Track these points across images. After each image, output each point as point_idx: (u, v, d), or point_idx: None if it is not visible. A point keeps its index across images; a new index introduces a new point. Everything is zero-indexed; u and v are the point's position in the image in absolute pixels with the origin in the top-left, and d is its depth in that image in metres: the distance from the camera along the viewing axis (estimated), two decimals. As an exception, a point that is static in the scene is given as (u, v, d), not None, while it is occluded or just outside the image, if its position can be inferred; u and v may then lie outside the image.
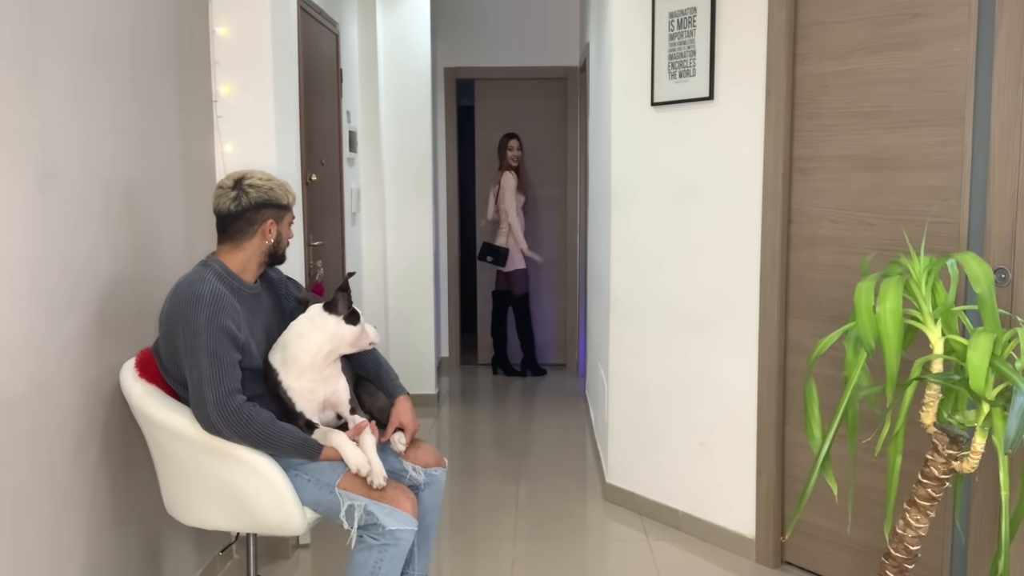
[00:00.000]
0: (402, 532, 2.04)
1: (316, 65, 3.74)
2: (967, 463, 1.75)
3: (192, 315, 1.98)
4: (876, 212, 2.58)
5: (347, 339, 2.10)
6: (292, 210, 2.21)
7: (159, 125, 2.48)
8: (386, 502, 2.05)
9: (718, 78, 2.99)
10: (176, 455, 2.10)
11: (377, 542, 2.03)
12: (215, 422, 1.97)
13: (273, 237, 2.15)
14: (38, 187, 1.86)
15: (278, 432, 2.01)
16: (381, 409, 2.36)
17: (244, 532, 2.21)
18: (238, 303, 2.08)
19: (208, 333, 1.97)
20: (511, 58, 5.96)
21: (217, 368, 1.97)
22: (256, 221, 2.11)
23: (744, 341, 2.99)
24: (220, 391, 1.97)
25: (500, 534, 3.26)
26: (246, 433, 1.98)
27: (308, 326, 2.08)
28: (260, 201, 2.11)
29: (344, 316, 2.08)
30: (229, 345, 2.00)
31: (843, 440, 2.64)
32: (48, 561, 1.90)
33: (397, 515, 2.04)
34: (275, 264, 2.23)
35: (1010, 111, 2.21)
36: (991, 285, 1.73)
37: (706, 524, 3.17)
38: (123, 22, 2.26)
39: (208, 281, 2.03)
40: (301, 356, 2.07)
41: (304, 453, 2.05)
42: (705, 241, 3.09)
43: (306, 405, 2.10)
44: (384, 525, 2.02)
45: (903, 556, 1.86)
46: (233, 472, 2.05)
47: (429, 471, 2.32)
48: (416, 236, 5.02)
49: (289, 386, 2.09)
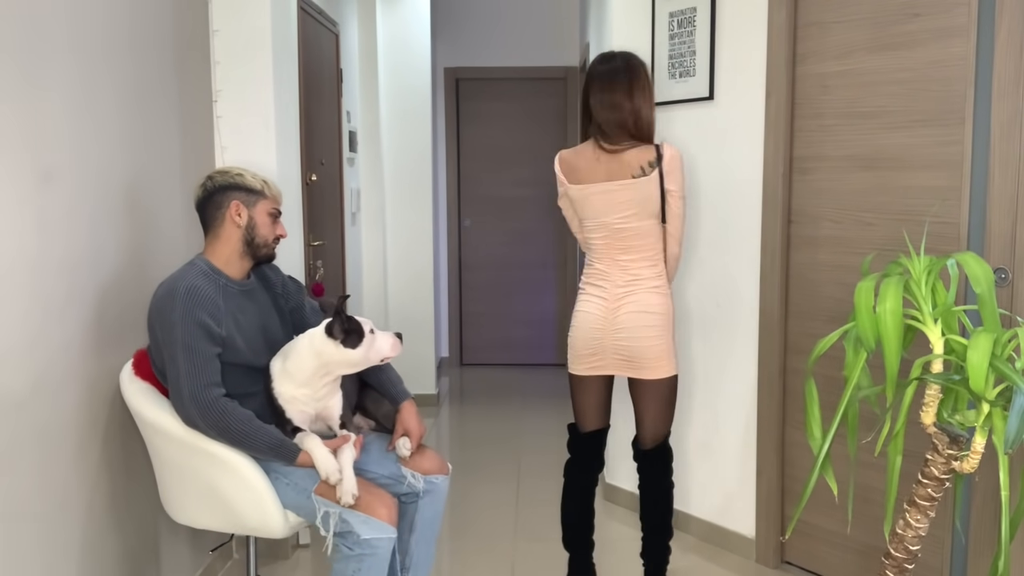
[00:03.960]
0: (377, 541, 2.00)
1: (316, 65, 3.74)
2: (967, 463, 1.75)
3: (167, 311, 2.00)
4: (876, 212, 2.58)
5: (346, 362, 2.05)
6: (270, 200, 2.16)
7: (159, 125, 2.48)
8: (361, 509, 2.01)
9: (718, 78, 2.98)
10: (166, 453, 2.12)
11: (352, 552, 2.00)
12: (192, 415, 1.98)
13: (243, 222, 2.12)
14: (38, 187, 1.86)
15: (255, 431, 2.00)
16: (386, 415, 2.34)
17: (229, 532, 2.20)
18: (223, 299, 2.07)
19: (183, 327, 1.97)
20: (511, 58, 5.96)
21: (192, 362, 1.97)
22: (223, 204, 2.10)
23: (744, 341, 2.99)
24: (196, 384, 1.97)
25: (500, 534, 3.26)
26: (221, 427, 1.98)
27: (307, 348, 2.05)
28: (225, 184, 2.11)
29: (341, 340, 2.03)
30: (204, 339, 1.99)
31: (843, 440, 2.64)
32: (47, 561, 1.90)
33: (372, 523, 2.00)
34: (260, 260, 2.19)
35: (1010, 111, 2.21)
36: (991, 285, 1.73)
37: (706, 524, 3.17)
38: (123, 22, 2.26)
39: (186, 277, 2.03)
40: (297, 375, 2.06)
41: (280, 455, 2.03)
42: (705, 241, 3.09)
43: (296, 415, 2.08)
44: (358, 533, 1.99)
45: (903, 556, 1.86)
46: (215, 472, 2.06)
47: (429, 478, 2.28)
48: (416, 236, 5.02)
49: (280, 393, 2.07)
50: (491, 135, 6.11)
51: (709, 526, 3.16)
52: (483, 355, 6.28)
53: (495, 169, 6.15)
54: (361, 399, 2.35)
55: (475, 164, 6.16)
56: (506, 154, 6.13)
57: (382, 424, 2.37)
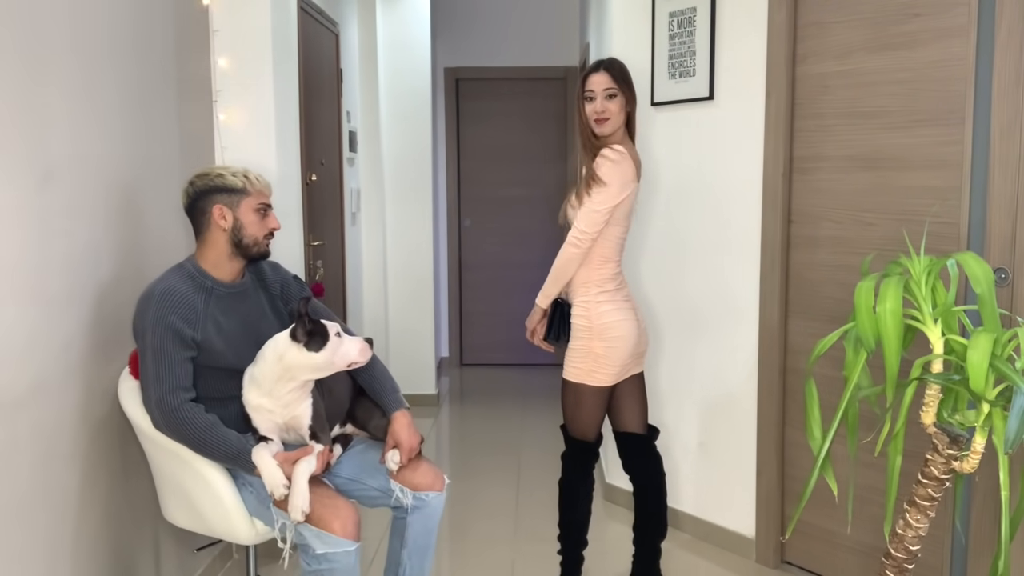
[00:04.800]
0: (334, 555, 1.93)
1: (316, 65, 3.74)
2: (967, 463, 1.75)
3: (141, 313, 2.00)
4: (876, 212, 2.58)
5: (309, 366, 1.95)
6: (254, 195, 2.09)
7: (159, 125, 2.48)
8: (313, 523, 1.94)
9: (718, 78, 2.98)
10: (150, 453, 2.15)
11: (310, 567, 1.96)
12: (157, 419, 1.98)
13: (229, 224, 2.08)
14: (38, 187, 1.86)
15: (214, 438, 1.96)
16: (377, 426, 2.24)
17: (205, 535, 2.19)
18: (206, 301, 2.05)
19: (153, 331, 1.97)
20: (511, 58, 5.96)
21: (160, 365, 1.96)
22: (206, 209, 2.08)
23: (744, 341, 2.99)
24: (162, 388, 1.96)
25: (500, 534, 3.25)
26: (183, 433, 1.97)
27: (271, 352, 1.98)
28: (205, 188, 2.07)
29: (304, 344, 1.94)
30: (175, 343, 1.97)
31: (843, 440, 2.64)
32: (47, 560, 1.90)
33: (325, 538, 1.93)
34: (251, 258, 2.14)
35: (1010, 111, 2.21)
36: (991, 285, 1.73)
37: (706, 524, 3.17)
38: (123, 23, 2.26)
39: (165, 280, 2.02)
40: (261, 380, 2.00)
41: (239, 464, 1.99)
42: (705, 241, 3.09)
43: (262, 423, 2.01)
44: (312, 548, 1.94)
45: (903, 556, 1.86)
46: (185, 475, 2.06)
47: (419, 495, 2.17)
48: (416, 236, 5.02)
49: (247, 401, 2.02)
50: (491, 135, 6.11)
51: (709, 526, 3.16)
52: (483, 355, 6.27)
53: (495, 169, 6.14)
54: (353, 407, 2.27)
55: (475, 164, 6.16)
56: (506, 154, 6.13)
57: (373, 435, 2.28)
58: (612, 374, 2.52)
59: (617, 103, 2.48)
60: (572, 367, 2.57)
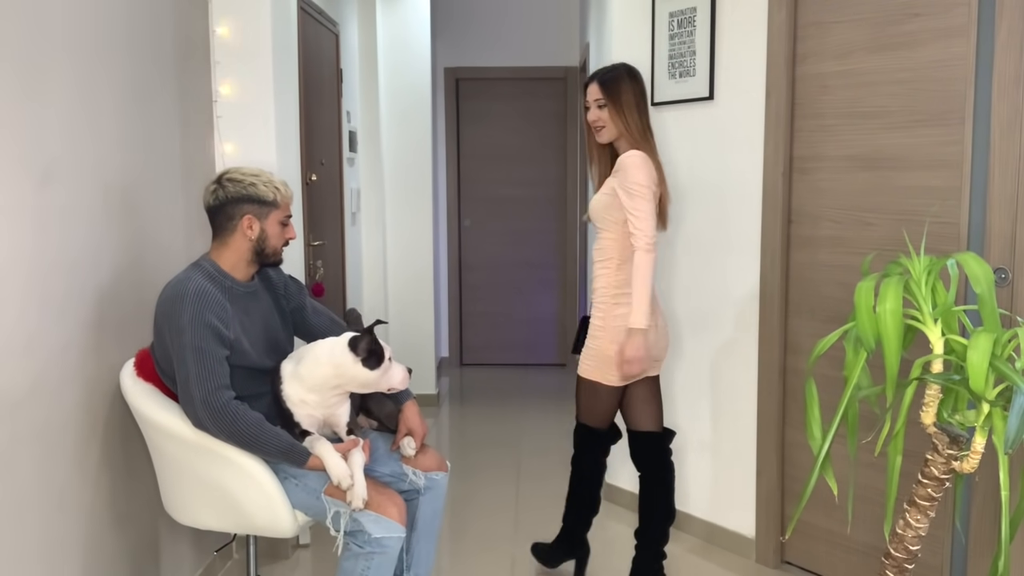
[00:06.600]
0: (388, 539, 2.02)
1: (316, 65, 3.74)
2: (967, 463, 1.75)
3: (177, 313, 1.98)
4: (876, 212, 2.58)
5: (359, 381, 2.04)
6: (282, 207, 2.13)
7: (159, 125, 2.48)
8: (372, 509, 2.03)
9: (718, 78, 2.99)
10: (170, 454, 2.11)
11: (363, 550, 2.02)
12: (202, 419, 1.97)
13: (255, 235, 2.10)
14: (38, 187, 1.86)
15: (265, 434, 1.99)
16: (389, 415, 2.37)
17: (235, 533, 2.21)
18: (229, 301, 2.07)
19: (192, 330, 1.97)
20: (511, 58, 5.96)
21: (203, 365, 1.97)
22: (234, 216, 2.08)
23: (744, 341, 2.99)
24: (207, 387, 1.96)
25: (500, 534, 3.26)
26: (232, 431, 1.98)
27: (326, 355, 2.04)
28: (237, 196, 2.07)
29: (362, 359, 2.01)
30: (214, 342, 1.99)
31: (843, 440, 2.64)
32: (48, 561, 1.90)
33: (383, 522, 2.02)
34: (267, 265, 2.18)
35: (1010, 111, 2.21)
36: (991, 285, 1.73)
37: (706, 524, 3.17)
38: (123, 22, 2.26)
39: (194, 279, 2.02)
40: (308, 379, 2.05)
41: (290, 459, 2.03)
42: (705, 241, 3.09)
43: (304, 418, 2.09)
44: (369, 532, 2.01)
45: (903, 556, 1.86)
46: (224, 473, 2.06)
47: (430, 475, 2.31)
48: (416, 236, 5.02)
49: (288, 396, 2.07)
50: (491, 135, 6.11)
51: (709, 526, 3.16)
52: (483, 355, 6.27)
53: (495, 169, 6.14)
54: (364, 399, 2.36)
55: (475, 164, 6.16)
56: (506, 154, 6.13)
57: (384, 424, 2.39)
58: (623, 375, 2.55)
59: (608, 112, 2.56)
60: (586, 364, 2.63)
